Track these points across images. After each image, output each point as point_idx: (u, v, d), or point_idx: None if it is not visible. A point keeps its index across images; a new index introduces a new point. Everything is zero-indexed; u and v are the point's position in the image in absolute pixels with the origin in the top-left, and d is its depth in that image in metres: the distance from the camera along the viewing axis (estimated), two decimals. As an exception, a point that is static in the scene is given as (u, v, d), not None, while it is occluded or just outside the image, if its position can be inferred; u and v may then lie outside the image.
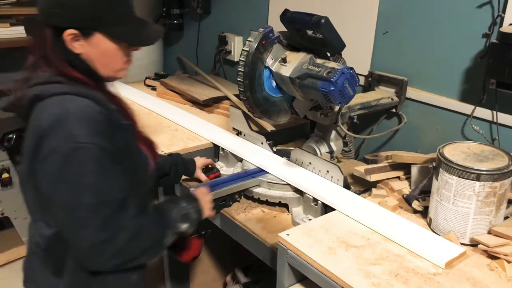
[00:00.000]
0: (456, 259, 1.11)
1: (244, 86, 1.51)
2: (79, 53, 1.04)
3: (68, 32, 1.02)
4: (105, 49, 1.05)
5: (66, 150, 0.95)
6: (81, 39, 1.03)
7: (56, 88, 1.02)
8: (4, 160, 2.47)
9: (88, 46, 1.04)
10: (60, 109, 0.98)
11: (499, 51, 1.32)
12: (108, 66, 1.08)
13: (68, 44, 1.03)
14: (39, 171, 0.99)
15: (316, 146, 1.63)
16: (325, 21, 1.39)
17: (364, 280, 1.03)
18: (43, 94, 1.01)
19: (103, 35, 1.04)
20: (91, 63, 1.06)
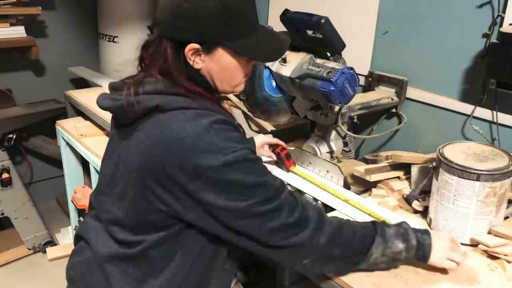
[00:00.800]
0: None
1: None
2: (199, 68, 0.99)
3: (190, 46, 0.96)
4: (226, 64, 1.00)
5: (220, 164, 0.89)
6: (203, 54, 0.98)
7: (180, 101, 0.95)
8: (4, 160, 2.47)
9: (209, 62, 0.99)
10: (196, 125, 0.91)
11: (499, 51, 1.32)
12: (227, 82, 1.03)
13: (189, 58, 0.97)
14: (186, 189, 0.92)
15: (316, 146, 1.63)
16: (325, 21, 1.39)
17: (364, 280, 1.03)
18: (165, 105, 0.94)
19: (225, 50, 0.99)
20: (209, 78, 1.01)
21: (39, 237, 2.63)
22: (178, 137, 0.90)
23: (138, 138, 0.96)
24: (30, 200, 2.59)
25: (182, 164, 0.90)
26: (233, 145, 0.91)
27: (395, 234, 1.02)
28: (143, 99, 0.95)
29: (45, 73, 2.85)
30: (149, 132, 0.94)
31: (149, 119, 0.95)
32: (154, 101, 0.94)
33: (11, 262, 2.55)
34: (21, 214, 2.55)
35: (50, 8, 2.74)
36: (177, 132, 0.91)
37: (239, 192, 0.91)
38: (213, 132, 0.91)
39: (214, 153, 0.89)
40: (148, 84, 0.96)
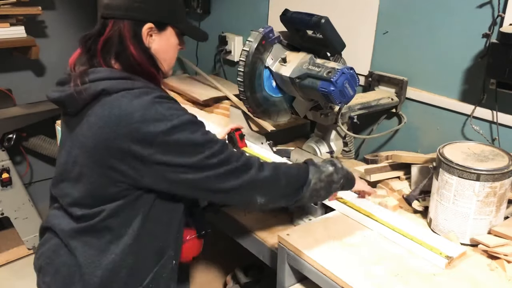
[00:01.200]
0: (456, 259, 1.11)
1: (244, 86, 1.51)
2: (150, 47, 1.10)
3: (148, 25, 1.08)
4: (172, 43, 1.14)
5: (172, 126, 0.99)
6: (155, 33, 1.10)
7: (124, 83, 1.04)
8: (4, 160, 2.47)
9: (159, 40, 1.11)
10: (141, 100, 1.00)
11: (499, 51, 1.32)
12: (169, 62, 1.16)
13: (144, 38, 1.08)
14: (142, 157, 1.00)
15: (316, 146, 1.63)
16: (325, 21, 1.39)
17: (364, 280, 1.03)
18: (111, 88, 1.02)
19: (173, 30, 1.13)
20: (156, 57, 1.11)
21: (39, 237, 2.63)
22: (127, 113, 0.99)
23: (89, 121, 1.04)
24: (30, 200, 2.59)
25: (134, 135, 0.98)
26: (177, 112, 1.02)
27: (324, 162, 1.21)
28: (90, 86, 1.03)
29: (45, 73, 2.84)
30: (99, 114, 1.02)
31: (97, 104, 1.03)
32: (100, 86, 1.03)
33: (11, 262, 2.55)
34: (21, 214, 2.55)
35: (50, 8, 2.74)
36: (125, 109, 0.99)
37: (190, 149, 1.01)
38: (157, 104, 1.00)
39: (161, 120, 0.99)
40: (93, 74, 1.05)
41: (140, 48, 1.07)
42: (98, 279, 1.07)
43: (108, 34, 1.06)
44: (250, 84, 1.52)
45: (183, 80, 2.43)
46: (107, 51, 1.07)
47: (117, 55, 1.07)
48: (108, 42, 1.07)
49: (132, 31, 1.06)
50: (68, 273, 1.10)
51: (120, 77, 1.05)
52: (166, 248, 1.15)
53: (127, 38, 1.06)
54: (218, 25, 2.51)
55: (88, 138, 1.03)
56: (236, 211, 1.46)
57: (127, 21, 1.06)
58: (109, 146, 1.00)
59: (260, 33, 1.49)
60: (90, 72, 1.06)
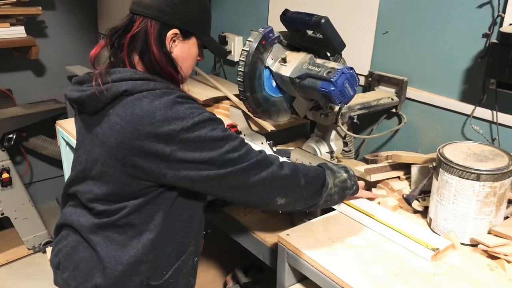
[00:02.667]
0: (442, 252, 1.12)
1: (244, 86, 1.51)
2: (171, 51, 1.11)
3: (174, 31, 1.10)
4: (192, 53, 1.17)
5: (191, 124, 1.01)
6: (179, 40, 1.12)
7: (147, 84, 1.05)
8: (4, 160, 2.47)
9: (181, 48, 1.13)
10: (163, 100, 1.02)
11: (499, 51, 1.32)
12: (187, 69, 1.18)
13: (167, 42, 1.10)
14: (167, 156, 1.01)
15: (316, 146, 1.63)
16: (325, 21, 1.39)
17: (364, 280, 1.03)
18: (133, 89, 1.04)
19: (196, 40, 1.16)
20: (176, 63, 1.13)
21: (39, 237, 2.63)
22: (149, 111, 1.01)
23: (111, 121, 1.05)
24: (30, 200, 2.59)
25: (156, 132, 1.00)
26: (198, 111, 1.04)
27: (338, 167, 1.24)
28: (112, 86, 1.05)
29: (45, 73, 2.85)
30: (121, 114, 1.03)
31: (118, 104, 1.05)
32: (122, 87, 1.04)
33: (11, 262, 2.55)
34: (21, 214, 2.55)
35: (50, 8, 2.74)
36: (147, 108, 1.01)
37: (211, 145, 1.02)
38: (178, 104, 1.03)
39: (183, 118, 1.01)
40: (115, 74, 1.06)
41: (162, 50, 1.09)
42: (119, 273, 1.08)
43: (135, 31, 1.08)
44: (250, 84, 1.52)
45: (183, 80, 2.43)
46: (132, 47, 1.09)
47: (141, 53, 1.09)
48: (134, 38, 1.08)
49: (157, 32, 1.08)
50: (88, 268, 1.11)
51: (141, 78, 1.06)
52: (187, 244, 1.16)
53: (152, 38, 1.07)
54: (218, 25, 2.51)
55: (110, 137, 1.04)
56: (236, 211, 1.46)
57: (155, 21, 1.08)
58: (132, 145, 1.02)
59: (260, 33, 1.49)
60: (112, 72, 1.07)
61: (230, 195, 1.10)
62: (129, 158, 1.03)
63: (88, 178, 1.13)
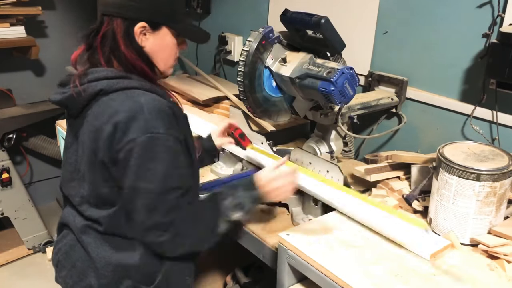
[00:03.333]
0: (441, 251, 1.12)
1: (244, 86, 1.51)
2: (143, 46, 1.10)
3: (140, 24, 1.08)
4: (167, 43, 1.13)
5: (144, 140, 1.00)
6: (149, 33, 1.09)
7: (122, 82, 1.06)
8: (4, 160, 2.47)
9: (153, 40, 1.10)
10: (133, 102, 1.02)
11: (499, 51, 1.32)
12: (165, 61, 1.15)
13: (137, 36, 1.08)
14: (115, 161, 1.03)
15: (316, 146, 1.63)
16: (325, 21, 1.39)
17: (364, 280, 1.03)
18: (108, 88, 1.05)
19: (168, 30, 1.12)
20: (151, 56, 1.12)
21: (39, 237, 2.63)
22: (117, 111, 1.02)
23: (88, 121, 1.07)
24: (30, 200, 2.59)
25: (117, 135, 1.01)
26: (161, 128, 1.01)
27: (231, 208, 1.13)
28: (88, 87, 1.06)
29: (45, 73, 2.85)
30: (95, 113, 1.06)
31: (95, 104, 1.07)
32: (98, 86, 1.06)
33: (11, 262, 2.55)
34: (21, 214, 2.55)
35: (50, 8, 2.74)
36: (117, 108, 1.02)
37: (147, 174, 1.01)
38: (146, 110, 1.01)
39: (142, 129, 1.00)
40: (91, 74, 1.07)
41: (132, 47, 1.08)
42: (111, 274, 1.10)
43: (104, 31, 1.08)
44: (250, 84, 1.52)
45: (183, 80, 2.43)
46: (105, 47, 1.09)
47: (112, 51, 1.09)
48: (103, 38, 1.08)
49: (124, 29, 1.07)
50: (83, 267, 1.13)
51: (116, 76, 1.07)
52: None
53: (118, 36, 1.07)
54: (218, 25, 2.52)
55: (87, 138, 1.07)
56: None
57: (121, 19, 1.07)
58: (99, 144, 1.04)
59: (260, 33, 1.49)
60: (89, 72, 1.08)
61: None
62: (100, 159, 1.05)
63: (77, 178, 1.14)
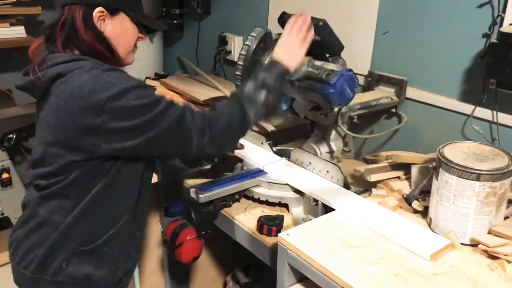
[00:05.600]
0: (441, 251, 1.12)
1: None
2: (102, 30, 1.16)
3: (99, 9, 1.14)
4: (126, 27, 1.20)
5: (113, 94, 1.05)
6: (107, 18, 1.16)
7: (78, 64, 1.10)
8: (4, 160, 2.47)
9: (112, 24, 1.18)
10: (90, 75, 1.07)
11: (499, 51, 1.32)
12: (125, 46, 1.21)
13: (96, 21, 1.15)
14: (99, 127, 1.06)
15: (316, 146, 1.63)
16: (323, 24, 1.39)
17: (364, 280, 1.03)
18: (65, 71, 1.09)
19: (125, 15, 1.19)
20: (110, 40, 1.18)
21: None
22: (78, 86, 1.06)
23: (50, 102, 1.12)
24: (30, 200, 2.59)
25: (86, 105, 1.05)
26: (125, 80, 1.09)
27: (254, 90, 1.18)
28: (46, 72, 1.11)
29: (45, 73, 2.84)
30: (57, 93, 1.10)
31: (55, 86, 1.11)
32: (55, 71, 1.10)
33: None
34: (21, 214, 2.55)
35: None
36: (77, 83, 1.07)
37: (140, 111, 1.07)
38: (106, 74, 1.07)
39: (109, 88, 1.05)
40: (49, 60, 1.13)
41: (92, 32, 1.14)
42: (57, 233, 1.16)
43: (63, 19, 1.15)
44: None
45: (183, 80, 2.43)
46: (64, 35, 1.15)
47: (71, 38, 1.15)
48: (63, 26, 1.15)
49: (83, 15, 1.14)
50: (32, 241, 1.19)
51: (72, 59, 1.11)
52: (122, 213, 1.22)
53: (78, 21, 1.14)
54: (218, 25, 2.51)
55: (50, 117, 1.11)
56: (236, 211, 1.46)
57: (79, 5, 1.14)
58: (66, 120, 1.07)
59: (258, 35, 1.48)
60: (47, 59, 1.13)
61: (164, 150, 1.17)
62: (64, 134, 1.09)
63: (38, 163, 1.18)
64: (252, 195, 1.50)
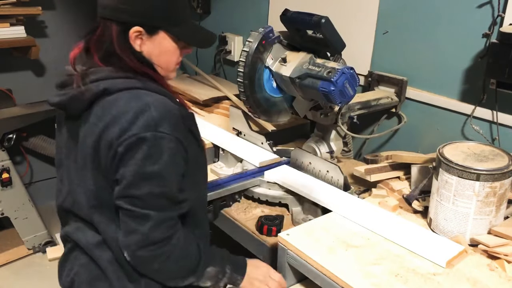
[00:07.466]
0: (456, 257, 1.11)
1: (244, 87, 1.51)
2: (141, 50, 1.04)
3: (135, 29, 1.02)
4: (166, 48, 1.06)
5: (147, 136, 0.95)
6: (145, 37, 1.03)
7: (126, 82, 1.01)
8: (4, 160, 2.47)
9: (150, 44, 1.05)
10: (140, 102, 0.98)
11: (499, 51, 1.32)
12: (165, 66, 1.09)
13: (132, 41, 1.03)
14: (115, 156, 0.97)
15: (316, 146, 1.63)
16: (325, 21, 1.39)
17: (364, 280, 1.03)
18: (112, 88, 1.00)
19: (166, 34, 1.05)
20: (151, 61, 1.06)
21: (39, 237, 2.63)
22: (123, 111, 0.97)
23: (90, 122, 1.01)
24: (30, 200, 2.59)
25: (122, 132, 0.95)
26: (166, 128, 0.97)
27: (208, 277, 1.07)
28: (91, 86, 1.00)
29: (45, 73, 2.84)
30: (99, 114, 1.00)
31: (98, 104, 1.01)
32: (101, 86, 1.00)
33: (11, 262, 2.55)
34: (21, 214, 2.55)
35: (50, 8, 2.74)
36: (122, 108, 0.97)
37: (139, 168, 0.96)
38: (153, 108, 0.97)
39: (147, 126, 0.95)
40: (93, 74, 1.02)
41: (130, 51, 1.03)
42: None
43: (99, 34, 1.04)
44: (250, 84, 1.52)
45: (183, 80, 2.43)
46: (102, 51, 1.04)
47: (110, 54, 1.03)
48: (99, 41, 1.04)
49: (118, 34, 1.02)
50: None
51: (120, 76, 1.02)
52: None
53: (114, 40, 1.02)
54: (218, 25, 2.52)
55: (87, 139, 1.02)
56: (236, 211, 1.46)
57: (116, 23, 1.02)
58: (104, 146, 0.98)
59: (260, 33, 1.49)
60: (91, 72, 1.03)
61: None
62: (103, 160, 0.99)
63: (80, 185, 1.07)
64: (252, 195, 1.50)
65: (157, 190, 0.97)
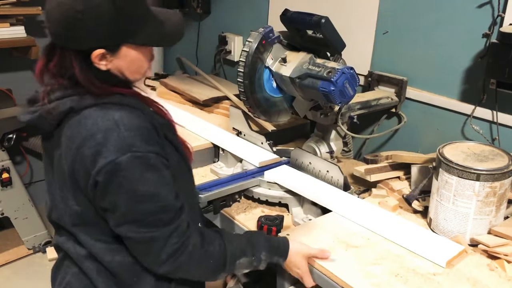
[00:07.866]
0: (456, 257, 1.11)
1: (244, 87, 1.51)
2: (108, 69, 0.99)
3: (97, 52, 0.95)
4: (133, 58, 1.01)
5: (123, 160, 0.92)
6: (109, 55, 0.97)
7: (91, 99, 0.97)
8: (4, 160, 2.47)
9: (116, 60, 0.99)
10: (107, 121, 0.94)
11: (499, 51, 1.32)
12: (137, 72, 1.04)
13: (97, 64, 0.97)
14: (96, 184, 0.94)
15: (316, 146, 1.63)
16: (326, 21, 1.39)
17: (364, 280, 1.03)
18: (78, 106, 0.96)
19: (129, 47, 0.99)
20: (120, 74, 1.01)
21: (39, 237, 2.63)
22: (92, 133, 0.93)
23: (62, 143, 0.98)
24: (30, 200, 2.59)
25: (95, 158, 0.92)
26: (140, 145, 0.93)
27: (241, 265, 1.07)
28: (57, 105, 0.97)
29: (45, 73, 2.84)
30: (68, 134, 0.97)
31: (67, 123, 0.98)
32: (67, 104, 0.97)
33: (11, 262, 2.55)
34: (21, 214, 2.55)
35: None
36: (90, 128, 0.94)
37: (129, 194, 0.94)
38: (122, 127, 0.93)
39: (120, 149, 0.92)
40: (59, 91, 0.98)
41: (95, 77, 0.98)
42: None
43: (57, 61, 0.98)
44: (250, 84, 1.52)
45: (183, 80, 2.43)
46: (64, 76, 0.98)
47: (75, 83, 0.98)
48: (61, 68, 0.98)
49: (79, 61, 0.96)
50: None
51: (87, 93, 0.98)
52: None
53: (76, 70, 0.96)
54: (218, 25, 2.51)
55: (62, 161, 0.99)
56: (236, 211, 1.46)
57: (71, 51, 0.96)
58: (77, 169, 0.95)
59: (260, 33, 1.49)
60: (57, 89, 0.99)
61: None
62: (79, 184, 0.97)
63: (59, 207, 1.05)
64: (252, 195, 1.50)
65: (154, 208, 0.95)
